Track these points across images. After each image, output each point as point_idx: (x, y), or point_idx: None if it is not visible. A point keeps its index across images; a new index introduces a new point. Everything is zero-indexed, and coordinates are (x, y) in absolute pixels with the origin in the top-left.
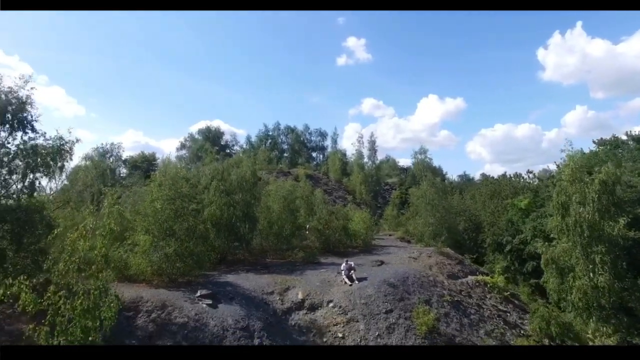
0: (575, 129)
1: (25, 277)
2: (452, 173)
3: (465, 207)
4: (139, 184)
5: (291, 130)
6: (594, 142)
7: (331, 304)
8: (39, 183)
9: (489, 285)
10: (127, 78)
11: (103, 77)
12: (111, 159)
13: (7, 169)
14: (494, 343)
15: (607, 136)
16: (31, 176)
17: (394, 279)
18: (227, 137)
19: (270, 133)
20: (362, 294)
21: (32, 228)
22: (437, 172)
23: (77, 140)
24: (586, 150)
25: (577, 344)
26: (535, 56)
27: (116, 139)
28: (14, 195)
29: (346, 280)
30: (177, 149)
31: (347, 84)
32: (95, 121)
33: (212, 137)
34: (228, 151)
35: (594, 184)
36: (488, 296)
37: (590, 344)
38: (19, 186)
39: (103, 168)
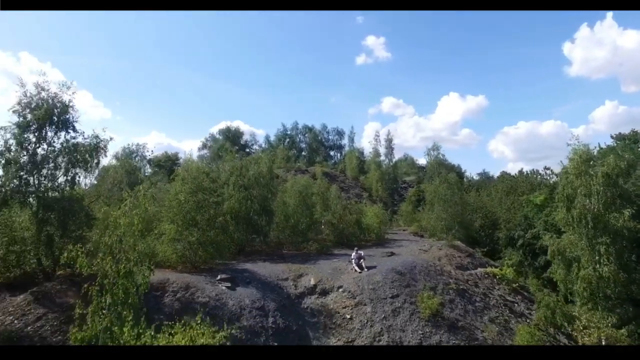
0: (604, 125)
1: (80, 245)
2: (472, 171)
3: (482, 204)
4: (163, 181)
5: (309, 129)
6: (611, 137)
7: (341, 289)
8: (79, 177)
9: (497, 277)
10: (150, 82)
11: (127, 81)
12: (137, 159)
13: (52, 164)
14: (497, 329)
15: None
16: (72, 171)
17: (401, 268)
18: (246, 137)
19: (289, 132)
20: (371, 280)
21: (74, 217)
22: (451, 169)
23: (111, 139)
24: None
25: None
26: (561, 51)
27: (140, 140)
28: (59, 188)
29: (356, 268)
30: (199, 149)
31: (366, 83)
32: (120, 124)
33: (232, 136)
34: (247, 150)
35: (597, 177)
36: (497, 287)
37: (596, 334)
38: (62, 180)
39: (130, 166)
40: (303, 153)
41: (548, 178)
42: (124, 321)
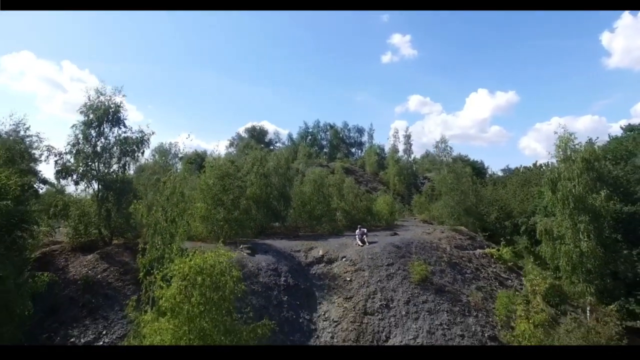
0: None
1: (139, 200)
2: (496, 168)
3: (498, 198)
4: (194, 175)
5: (330, 127)
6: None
7: (344, 259)
8: (128, 164)
9: (495, 257)
10: (180, 85)
11: (158, 86)
12: (170, 156)
13: (108, 154)
14: (482, 295)
15: None
16: (123, 159)
17: (399, 243)
18: (270, 135)
19: (310, 130)
20: (370, 252)
21: (125, 196)
22: (467, 162)
23: (153, 133)
24: None
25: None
26: (599, 41)
27: (172, 141)
28: (113, 173)
29: (359, 242)
30: (226, 147)
31: (392, 82)
32: (151, 126)
33: (257, 135)
34: (271, 147)
35: (577, 162)
36: (492, 265)
37: (575, 303)
38: (116, 167)
39: (166, 162)
40: (324, 150)
41: None
42: (169, 253)
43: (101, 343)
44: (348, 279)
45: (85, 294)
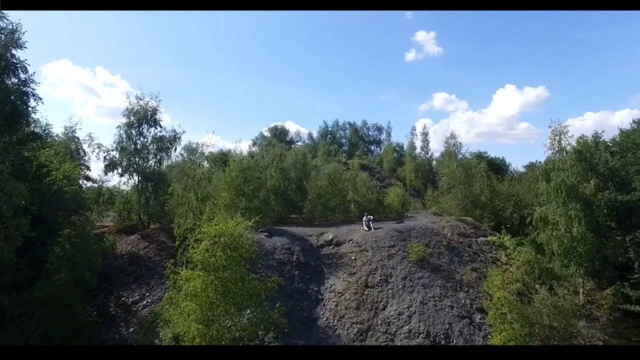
0: None
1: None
2: (522, 165)
3: (514, 193)
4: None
5: (350, 125)
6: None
7: (351, 242)
8: (163, 160)
9: (496, 244)
10: (205, 88)
11: (185, 88)
12: (197, 155)
13: (146, 150)
14: (475, 275)
15: None
16: (159, 155)
17: (401, 228)
18: (291, 134)
19: (330, 129)
20: (374, 235)
21: (161, 187)
22: (477, 156)
23: (184, 132)
24: None
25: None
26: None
27: (198, 141)
28: (151, 167)
29: (365, 228)
30: (250, 146)
31: (417, 79)
32: (178, 127)
33: (278, 134)
34: (292, 146)
35: (570, 153)
36: (494, 252)
37: (566, 284)
38: (152, 162)
39: (193, 160)
40: (343, 147)
41: None
42: (199, 223)
43: (145, 302)
44: (353, 258)
45: (131, 265)
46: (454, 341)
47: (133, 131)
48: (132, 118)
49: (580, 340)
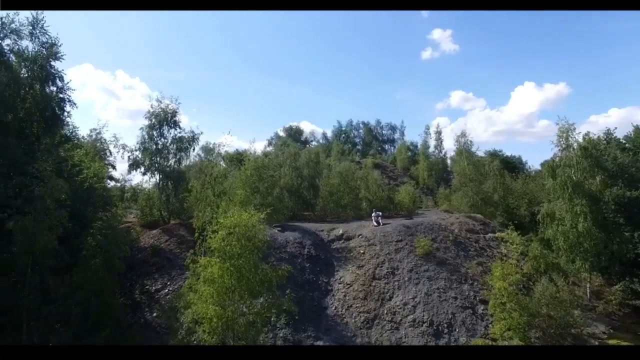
0: None
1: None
2: (536, 163)
3: (528, 190)
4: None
5: (363, 125)
6: None
7: (360, 236)
8: (182, 159)
9: (504, 240)
10: (224, 89)
11: (202, 89)
12: (214, 155)
13: (167, 150)
14: (480, 269)
15: None
16: (179, 154)
17: (409, 224)
18: (306, 134)
19: (344, 129)
20: (383, 231)
21: (180, 185)
22: (491, 154)
23: (201, 133)
24: None
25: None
26: None
27: (215, 141)
28: (171, 166)
29: (374, 223)
30: (265, 146)
31: (433, 78)
32: (197, 128)
33: (293, 134)
34: (307, 146)
35: (576, 149)
36: (502, 247)
37: (573, 279)
38: (172, 161)
39: (210, 160)
40: (357, 147)
41: None
42: (216, 216)
43: (166, 290)
44: (362, 251)
45: (153, 257)
46: (457, 330)
47: (154, 132)
48: (153, 120)
49: (577, 329)
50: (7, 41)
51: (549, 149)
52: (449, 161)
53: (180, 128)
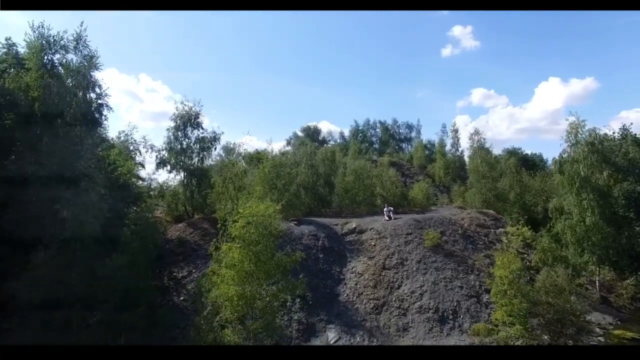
0: None
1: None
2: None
3: (546, 188)
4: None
5: (380, 124)
6: None
7: (372, 230)
8: (205, 158)
9: (514, 235)
10: (243, 89)
11: (222, 91)
12: (234, 155)
13: (190, 150)
14: (487, 261)
15: None
16: (201, 154)
17: (420, 218)
18: (324, 134)
19: (360, 128)
20: (394, 224)
21: (203, 182)
22: (509, 152)
23: (222, 133)
24: None
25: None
26: None
27: (235, 141)
28: (194, 165)
29: (386, 217)
30: (284, 146)
31: (453, 75)
32: (217, 129)
33: (311, 134)
34: (325, 145)
35: (582, 145)
36: (512, 242)
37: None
38: (196, 160)
39: (230, 159)
40: (374, 146)
41: None
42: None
43: (192, 277)
44: (373, 244)
45: (179, 248)
46: (461, 316)
47: (179, 133)
48: (178, 122)
49: (578, 318)
50: (57, 55)
51: (561, 145)
52: (466, 159)
53: (202, 129)
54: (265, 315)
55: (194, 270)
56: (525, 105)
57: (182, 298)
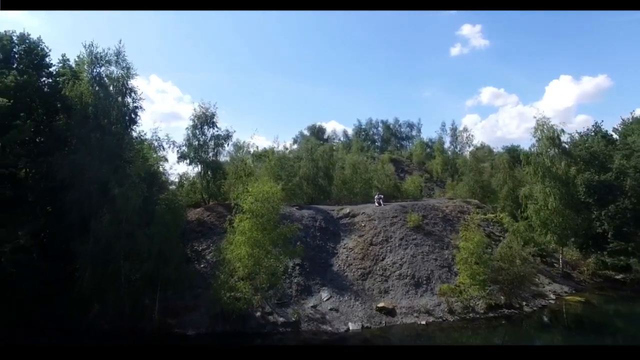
0: None
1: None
2: None
3: None
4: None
5: (382, 123)
6: None
7: (363, 214)
8: (219, 153)
9: (493, 221)
10: (252, 90)
11: (231, 92)
12: (243, 152)
13: (206, 146)
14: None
15: None
16: (216, 149)
17: (405, 204)
18: (328, 132)
19: (363, 127)
20: (382, 209)
21: (218, 173)
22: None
23: (234, 131)
24: None
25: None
26: None
27: (245, 140)
28: (209, 159)
29: (377, 204)
30: (291, 144)
31: (462, 74)
32: (230, 128)
33: (316, 132)
34: (326, 143)
35: (543, 139)
36: (491, 227)
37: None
38: (211, 154)
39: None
40: (376, 144)
41: None
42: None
43: (209, 250)
44: (363, 225)
45: (199, 227)
46: (433, 282)
47: (197, 131)
48: (196, 121)
49: (529, 282)
50: (102, 68)
51: (530, 140)
52: (468, 156)
53: (217, 127)
54: (269, 274)
55: (211, 244)
56: (535, 103)
57: (202, 266)
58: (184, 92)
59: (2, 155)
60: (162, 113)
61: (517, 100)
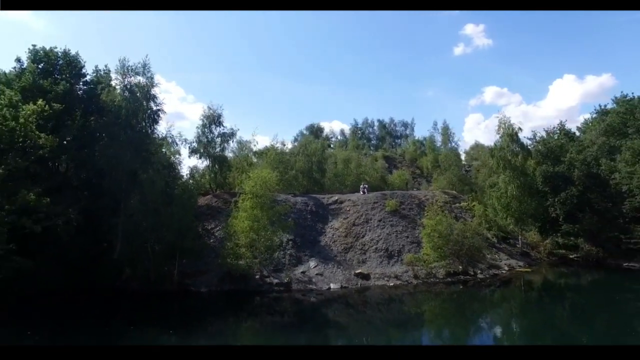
0: None
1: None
2: None
3: None
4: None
5: (378, 122)
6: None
7: (349, 200)
8: (225, 149)
9: (466, 209)
10: (254, 90)
11: (234, 92)
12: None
13: (214, 142)
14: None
15: None
16: (222, 145)
17: (386, 192)
18: (327, 132)
19: (359, 126)
20: (366, 196)
21: (224, 166)
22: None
23: (238, 129)
24: None
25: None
26: None
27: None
28: (217, 153)
29: (361, 192)
30: (291, 143)
31: (466, 74)
32: (234, 126)
33: (315, 131)
34: (328, 142)
35: (504, 135)
36: (464, 214)
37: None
38: (218, 149)
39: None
40: (372, 142)
41: None
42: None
43: (218, 228)
44: (348, 209)
45: (208, 210)
46: (404, 255)
47: (206, 129)
48: (205, 120)
49: (483, 254)
50: (131, 79)
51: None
52: (462, 154)
53: (223, 126)
54: (266, 244)
55: (219, 225)
56: (539, 103)
57: (211, 240)
58: (187, 92)
59: (56, 149)
60: (167, 113)
61: (520, 100)
